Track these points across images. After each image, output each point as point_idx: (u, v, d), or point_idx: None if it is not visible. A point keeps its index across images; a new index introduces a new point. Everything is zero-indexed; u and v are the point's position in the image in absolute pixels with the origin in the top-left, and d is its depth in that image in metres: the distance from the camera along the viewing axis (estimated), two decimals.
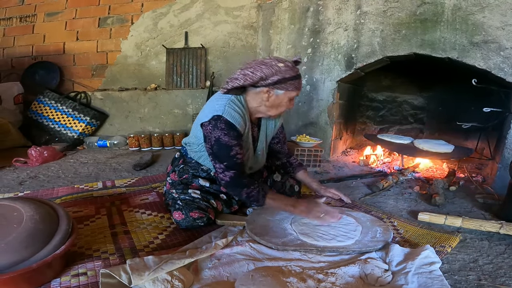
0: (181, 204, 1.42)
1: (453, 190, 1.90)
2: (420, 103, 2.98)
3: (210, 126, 1.36)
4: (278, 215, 1.46)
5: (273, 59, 1.36)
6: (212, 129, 1.36)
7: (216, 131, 1.35)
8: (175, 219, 1.42)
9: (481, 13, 1.80)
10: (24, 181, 2.10)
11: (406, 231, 1.40)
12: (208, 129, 1.37)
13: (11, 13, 3.81)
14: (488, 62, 1.80)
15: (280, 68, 1.34)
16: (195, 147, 1.54)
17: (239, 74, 1.35)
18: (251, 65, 1.36)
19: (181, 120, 3.38)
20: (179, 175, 1.58)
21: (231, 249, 1.20)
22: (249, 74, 1.33)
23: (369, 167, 2.43)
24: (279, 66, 1.34)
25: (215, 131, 1.35)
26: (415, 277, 1.02)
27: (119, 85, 3.72)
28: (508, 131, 1.81)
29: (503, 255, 1.21)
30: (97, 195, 1.79)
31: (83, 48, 3.75)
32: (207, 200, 1.45)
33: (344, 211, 1.52)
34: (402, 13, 2.10)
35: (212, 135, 1.36)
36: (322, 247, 1.21)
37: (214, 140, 1.36)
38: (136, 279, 0.95)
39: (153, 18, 3.65)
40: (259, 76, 1.33)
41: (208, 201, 1.45)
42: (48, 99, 3.25)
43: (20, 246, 0.96)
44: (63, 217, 1.13)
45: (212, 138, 1.37)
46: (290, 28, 2.76)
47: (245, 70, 1.35)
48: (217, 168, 1.40)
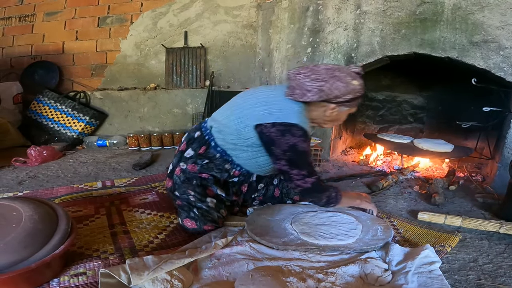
0: (197, 214, 1.38)
1: (453, 189, 1.90)
2: (419, 102, 2.98)
3: (279, 130, 1.29)
4: (278, 215, 1.46)
5: (346, 73, 1.31)
6: (282, 135, 1.29)
7: (291, 138, 1.29)
8: (184, 225, 1.39)
9: (481, 12, 1.79)
10: (23, 181, 2.09)
11: (406, 231, 1.40)
12: (274, 133, 1.30)
13: (10, 13, 3.80)
14: (487, 62, 1.80)
15: (355, 87, 1.31)
16: (232, 139, 1.41)
17: (314, 88, 1.29)
18: (325, 78, 1.29)
19: (181, 119, 3.38)
20: (200, 170, 1.44)
21: (230, 249, 1.20)
22: (325, 91, 1.29)
23: (368, 167, 2.43)
24: (354, 84, 1.31)
25: (288, 137, 1.29)
26: (415, 277, 1.02)
27: (119, 84, 3.71)
28: (508, 130, 1.80)
29: (503, 255, 1.21)
30: (97, 195, 1.79)
31: (83, 48, 3.74)
32: (219, 210, 1.43)
33: (343, 210, 1.52)
34: (401, 13, 2.09)
35: (284, 141, 1.29)
36: (323, 246, 1.21)
37: (288, 146, 1.29)
38: (136, 279, 0.95)
39: (152, 18, 3.65)
40: (335, 94, 1.30)
41: (219, 211, 1.43)
42: (48, 98, 3.24)
43: (19, 246, 0.95)
44: (62, 217, 1.13)
45: (284, 144, 1.29)
46: (290, 27, 2.75)
47: (321, 86, 1.28)
48: (294, 175, 1.32)
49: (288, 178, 1.35)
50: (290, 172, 1.33)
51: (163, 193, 1.84)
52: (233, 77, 3.67)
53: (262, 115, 1.33)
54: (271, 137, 1.31)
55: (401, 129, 3.06)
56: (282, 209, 1.53)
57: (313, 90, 1.29)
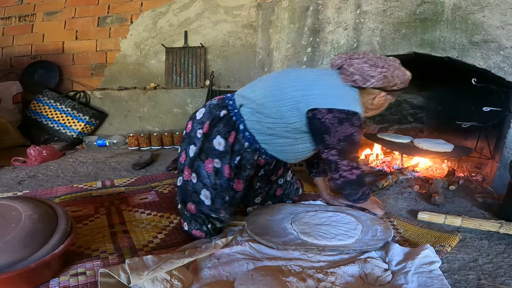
0: (210, 229, 1.28)
1: (453, 189, 1.90)
2: (419, 102, 2.98)
3: (336, 117, 1.21)
4: (278, 214, 1.46)
5: (397, 63, 1.33)
6: (340, 123, 1.21)
7: (349, 128, 1.22)
8: (190, 233, 1.30)
9: (481, 12, 1.79)
10: (23, 181, 2.09)
11: (406, 231, 1.39)
12: (330, 119, 1.20)
13: (10, 13, 3.80)
14: (488, 62, 1.79)
15: (409, 77, 1.32)
16: (270, 122, 1.28)
17: (377, 73, 1.25)
18: (385, 66, 1.27)
19: (181, 119, 3.37)
20: (234, 176, 1.29)
21: (230, 249, 1.20)
22: (388, 78, 1.26)
23: (368, 166, 2.43)
24: (408, 75, 1.32)
25: (347, 126, 1.21)
26: (415, 277, 1.02)
27: (119, 84, 3.71)
28: (508, 130, 1.80)
29: (502, 255, 1.21)
30: (96, 195, 1.79)
31: (82, 48, 3.74)
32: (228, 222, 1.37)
33: (343, 210, 1.52)
34: (402, 12, 2.09)
35: (341, 130, 1.21)
36: (323, 246, 1.21)
37: (344, 136, 1.21)
38: (135, 278, 0.95)
39: (152, 17, 3.65)
40: (394, 82, 1.28)
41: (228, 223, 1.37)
42: (47, 98, 3.24)
43: (18, 245, 0.95)
44: (62, 216, 1.13)
45: (341, 133, 1.21)
46: (290, 27, 2.75)
47: (384, 72, 1.26)
48: (343, 166, 1.25)
49: (334, 168, 1.26)
50: (339, 162, 1.25)
51: (162, 192, 1.84)
52: (233, 77, 3.67)
53: (318, 100, 1.23)
54: (326, 124, 1.21)
55: (401, 128, 3.06)
56: (282, 209, 1.53)
57: (377, 76, 1.25)
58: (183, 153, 1.35)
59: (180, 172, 1.34)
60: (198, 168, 1.28)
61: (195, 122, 1.34)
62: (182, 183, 1.32)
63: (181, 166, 1.34)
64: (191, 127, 1.35)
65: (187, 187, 1.30)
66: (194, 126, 1.33)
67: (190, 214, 1.31)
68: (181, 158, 1.35)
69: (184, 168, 1.32)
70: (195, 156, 1.28)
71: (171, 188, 1.91)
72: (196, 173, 1.28)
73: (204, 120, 1.31)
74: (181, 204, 1.35)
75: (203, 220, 1.29)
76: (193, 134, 1.32)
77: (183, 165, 1.33)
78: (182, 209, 1.37)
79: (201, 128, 1.30)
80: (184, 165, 1.32)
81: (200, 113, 1.36)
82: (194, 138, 1.31)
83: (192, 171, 1.29)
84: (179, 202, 1.39)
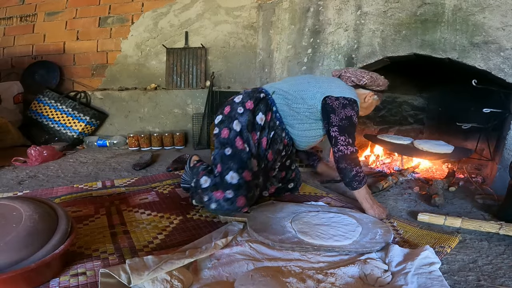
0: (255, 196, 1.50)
1: (453, 190, 1.90)
2: (420, 103, 2.98)
3: (341, 103, 1.56)
4: (279, 213, 1.47)
5: None
6: (344, 107, 1.55)
7: (350, 110, 1.56)
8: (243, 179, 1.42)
9: (482, 13, 1.80)
10: (24, 181, 2.09)
11: (406, 232, 1.40)
12: (337, 104, 1.55)
13: (11, 13, 3.81)
14: (488, 63, 1.80)
15: (386, 82, 1.74)
16: (297, 105, 1.60)
17: (367, 75, 1.68)
18: (369, 73, 1.70)
19: (181, 120, 3.38)
20: (268, 146, 1.58)
21: (230, 249, 1.20)
22: (374, 79, 1.68)
23: (368, 168, 2.43)
24: (384, 81, 1.73)
25: (349, 110, 1.55)
26: (415, 278, 1.02)
27: (119, 84, 3.72)
28: (508, 132, 1.81)
29: (502, 256, 1.21)
30: (97, 195, 1.79)
31: (83, 48, 3.75)
32: None
33: (346, 211, 1.53)
34: (402, 14, 2.10)
35: (344, 111, 1.55)
36: (318, 246, 1.21)
37: (345, 116, 1.54)
38: (136, 278, 0.95)
39: (153, 18, 3.66)
40: (377, 83, 1.70)
41: None
42: (48, 98, 3.25)
43: (19, 245, 0.95)
44: (62, 216, 1.13)
45: (343, 114, 1.54)
46: (290, 28, 2.76)
47: (370, 75, 1.69)
48: (341, 140, 1.52)
49: (334, 142, 1.54)
50: (338, 137, 1.53)
51: (163, 193, 1.84)
52: (234, 78, 3.67)
53: (330, 90, 1.59)
54: (333, 107, 1.55)
55: (401, 130, 3.06)
56: (284, 208, 1.54)
57: (366, 77, 1.68)
58: (226, 130, 1.52)
59: (225, 145, 1.50)
60: (247, 139, 1.51)
61: (234, 104, 1.58)
62: (233, 152, 1.47)
63: (225, 140, 1.51)
64: (230, 109, 1.57)
65: (241, 155, 1.47)
66: (234, 107, 1.57)
67: (245, 182, 1.43)
68: (224, 134, 1.52)
69: (233, 140, 1.50)
70: (243, 128, 1.51)
71: (171, 188, 1.92)
72: (248, 143, 1.50)
73: (245, 101, 1.57)
74: (236, 173, 1.43)
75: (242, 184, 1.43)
76: (234, 113, 1.54)
77: (228, 139, 1.50)
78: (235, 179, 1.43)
79: (243, 107, 1.55)
80: (230, 138, 1.50)
81: (238, 99, 1.60)
82: (236, 115, 1.54)
83: (244, 141, 1.50)
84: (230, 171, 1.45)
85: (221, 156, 1.48)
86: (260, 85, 3.40)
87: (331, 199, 1.76)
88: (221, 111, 1.61)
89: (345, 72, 1.73)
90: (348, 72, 1.72)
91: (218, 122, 1.58)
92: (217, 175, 1.46)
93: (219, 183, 1.43)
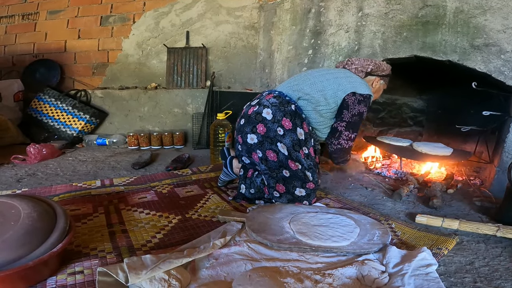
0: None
1: (451, 193, 1.90)
2: (419, 105, 2.98)
3: (357, 99, 1.62)
4: (278, 213, 1.47)
5: None
6: (359, 103, 1.61)
7: (363, 107, 1.63)
8: (309, 189, 1.60)
9: (483, 16, 1.80)
10: (22, 179, 2.10)
11: (404, 233, 1.40)
12: (353, 100, 1.61)
13: (13, 11, 3.81)
14: (488, 65, 1.80)
15: (388, 67, 1.87)
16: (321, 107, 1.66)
17: (371, 63, 1.80)
18: (371, 60, 1.82)
19: (181, 119, 3.38)
20: (315, 151, 1.70)
21: (229, 249, 1.20)
22: (378, 65, 1.81)
23: (367, 169, 2.43)
24: (387, 66, 1.87)
25: (362, 106, 1.62)
26: (412, 279, 1.02)
27: (120, 83, 3.72)
28: (507, 135, 1.81)
29: (499, 258, 1.21)
30: (95, 194, 1.79)
31: (85, 47, 3.76)
32: None
33: (344, 212, 1.53)
34: (403, 16, 2.10)
35: (357, 108, 1.61)
36: (316, 246, 1.21)
37: (357, 112, 1.61)
38: (133, 277, 0.95)
39: (154, 17, 3.66)
40: (382, 68, 1.83)
41: None
42: (48, 96, 3.25)
43: (17, 244, 0.95)
44: (60, 215, 1.13)
45: (356, 110, 1.61)
46: (291, 29, 2.76)
47: (373, 61, 1.81)
48: (345, 135, 1.64)
49: (337, 135, 1.65)
50: (343, 132, 1.64)
51: (161, 192, 1.84)
52: (234, 78, 3.68)
53: (349, 87, 1.64)
54: (349, 103, 1.62)
55: (401, 132, 3.06)
56: (283, 208, 1.54)
57: (371, 64, 1.80)
58: (271, 152, 1.58)
59: (279, 168, 1.59)
60: (298, 158, 1.58)
61: (269, 123, 1.58)
62: (291, 173, 1.58)
63: (277, 163, 1.59)
64: (266, 129, 1.58)
65: (298, 174, 1.58)
66: (270, 126, 1.58)
67: (311, 190, 1.62)
68: (271, 157, 1.59)
69: (286, 163, 1.58)
70: (290, 150, 1.58)
71: (170, 188, 1.92)
72: (299, 162, 1.58)
73: (279, 118, 1.58)
74: (301, 188, 1.60)
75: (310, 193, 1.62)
76: (273, 135, 1.57)
77: (280, 162, 1.58)
78: (303, 192, 1.61)
79: (281, 128, 1.57)
80: (282, 161, 1.58)
81: (267, 114, 1.60)
82: (277, 137, 1.57)
83: (295, 161, 1.58)
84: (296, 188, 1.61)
85: (282, 178, 1.60)
86: (260, 85, 3.40)
87: (329, 200, 1.77)
88: (252, 128, 1.61)
89: (351, 64, 1.81)
90: (353, 64, 1.80)
91: (256, 143, 1.61)
92: (285, 194, 1.61)
93: (293, 199, 1.61)
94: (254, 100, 1.74)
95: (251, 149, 1.64)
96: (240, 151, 1.73)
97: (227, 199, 1.77)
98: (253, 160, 1.68)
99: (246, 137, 1.63)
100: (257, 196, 1.69)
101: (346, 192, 1.93)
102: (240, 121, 1.70)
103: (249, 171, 1.75)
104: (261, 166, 1.63)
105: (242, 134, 1.66)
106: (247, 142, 1.63)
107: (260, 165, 1.64)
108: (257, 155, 1.63)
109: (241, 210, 1.61)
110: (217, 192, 1.87)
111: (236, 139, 1.75)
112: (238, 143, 1.74)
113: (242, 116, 1.70)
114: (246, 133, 1.63)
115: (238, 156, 1.81)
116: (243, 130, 1.65)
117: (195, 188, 1.93)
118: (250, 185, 1.70)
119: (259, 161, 1.63)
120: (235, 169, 1.84)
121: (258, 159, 1.63)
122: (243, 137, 1.65)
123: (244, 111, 1.72)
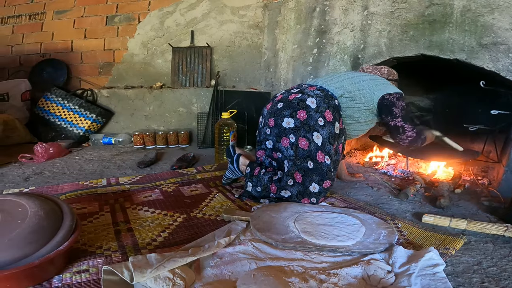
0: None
1: (458, 192, 1.88)
2: (426, 104, 2.95)
3: (396, 97, 1.74)
4: (283, 212, 1.47)
5: None
6: (398, 99, 1.73)
7: (403, 102, 1.75)
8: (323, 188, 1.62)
9: (491, 14, 1.78)
10: (30, 177, 2.12)
11: (410, 233, 1.39)
12: (393, 98, 1.73)
13: (20, 11, 3.85)
14: (496, 64, 1.78)
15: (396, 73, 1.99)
16: (359, 104, 1.76)
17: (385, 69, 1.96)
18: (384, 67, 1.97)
19: (186, 118, 3.39)
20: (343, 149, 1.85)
21: (233, 248, 1.20)
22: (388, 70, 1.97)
23: (373, 169, 2.41)
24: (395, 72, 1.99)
25: (401, 101, 1.75)
26: (418, 279, 1.01)
27: (125, 83, 3.74)
28: None
29: (507, 258, 1.19)
30: (101, 192, 1.80)
31: (91, 46, 3.78)
32: None
33: (350, 212, 1.52)
34: (410, 14, 2.08)
35: (400, 103, 1.73)
36: (321, 246, 1.21)
37: (402, 107, 1.74)
38: (138, 276, 0.96)
39: (159, 17, 3.67)
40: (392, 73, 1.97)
41: None
42: (55, 96, 3.28)
43: (23, 242, 0.96)
44: (67, 213, 1.14)
45: (400, 106, 1.73)
46: (296, 28, 2.75)
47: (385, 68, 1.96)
48: (406, 128, 1.75)
49: (402, 131, 1.76)
50: (405, 126, 1.75)
51: (167, 191, 1.85)
52: (239, 77, 3.67)
53: (384, 88, 1.75)
54: (393, 101, 1.72)
55: None
56: (288, 207, 1.53)
57: (385, 71, 1.95)
58: (304, 140, 1.61)
59: (305, 158, 1.62)
60: (329, 151, 1.63)
61: (312, 111, 1.63)
62: (315, 165, 1.61)
63: (306, 152, 1.62)
64: (306, 116, 1.62)
65: (322, 168, 1.61)
66: (312, 115, 1.62)
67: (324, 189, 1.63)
68: (302, 144, 1.62)
69: (314, 154, 1.61)
70: (325, 141, 1.62)
71: (175, 186, 1.92)
72: (329, 155, 1.62)
73: (323, 109, 1.64)
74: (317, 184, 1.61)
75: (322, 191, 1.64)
76: (312, 123, 1.62)
77: (309, 151, 1.62)
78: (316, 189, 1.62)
79: (323, 118, 1.63)
80: (311, 151, 1.61)
81: (311, 102, 1.64)
82: (316, 126, 1.62)
83: (325, 154, 1.62)
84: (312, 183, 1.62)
85: (304, 169, 1.61)
86: (265, 84, 3.39)
87: (334, 199, 1.76)
88: (292, 113, 1.64)
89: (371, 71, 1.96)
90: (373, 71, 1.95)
91: (292, 128, 1.63)
92: (299, 184, 1.62)
93: (303, 192, 1.61)
94: (294, 89, 1.79)
95: (283, 133, 1.65)
96: (267, 135, 1.74)
97: (232, 198, 1.77)
98: (280, 145, 1.68)
99: (282, 120, 1.65)
100: (263, 195, 1.69)
101: (351, 192, 1.91)
102: (277, 105, 1.71)
103: (256, 169, 1.74)
104: (289, 151, 1.64)
105: (277, 117, 1.68)
106: (281, 125, 1.65)
107: (288, 150, 1.64)
108: (288, 140, 1.64)
109: (245, 209, 1.60)
110: (221, 191, 1.87)
111: (265, 122, 1.77)
112: (266, 127, 1.75)
113: (280, 100, 1.73)
114: (283, 116, 1.65)
115: (259, 141, 1.83)
116: (280, 113, 1.67)
117: (200, 187, 1.93)
118: (257, 183, 1.70)
119: (288, 146, 1.64)
120: (241, 167, 1.84)
121: (288, 143, 1.64)
122: (277, 120, 1.67)
123: (283, 96, 1.75)
